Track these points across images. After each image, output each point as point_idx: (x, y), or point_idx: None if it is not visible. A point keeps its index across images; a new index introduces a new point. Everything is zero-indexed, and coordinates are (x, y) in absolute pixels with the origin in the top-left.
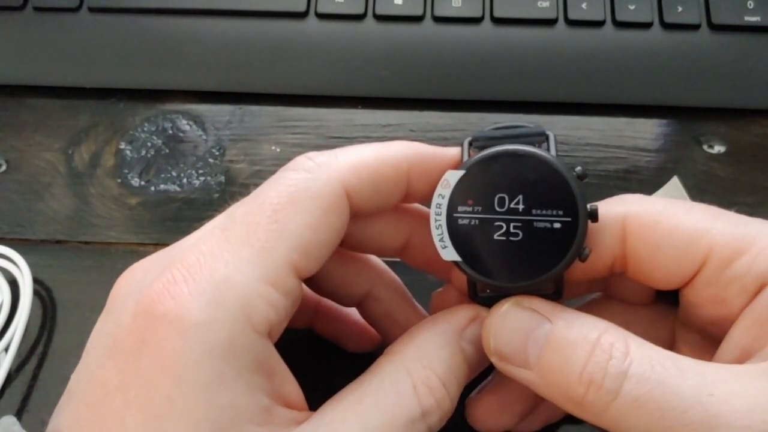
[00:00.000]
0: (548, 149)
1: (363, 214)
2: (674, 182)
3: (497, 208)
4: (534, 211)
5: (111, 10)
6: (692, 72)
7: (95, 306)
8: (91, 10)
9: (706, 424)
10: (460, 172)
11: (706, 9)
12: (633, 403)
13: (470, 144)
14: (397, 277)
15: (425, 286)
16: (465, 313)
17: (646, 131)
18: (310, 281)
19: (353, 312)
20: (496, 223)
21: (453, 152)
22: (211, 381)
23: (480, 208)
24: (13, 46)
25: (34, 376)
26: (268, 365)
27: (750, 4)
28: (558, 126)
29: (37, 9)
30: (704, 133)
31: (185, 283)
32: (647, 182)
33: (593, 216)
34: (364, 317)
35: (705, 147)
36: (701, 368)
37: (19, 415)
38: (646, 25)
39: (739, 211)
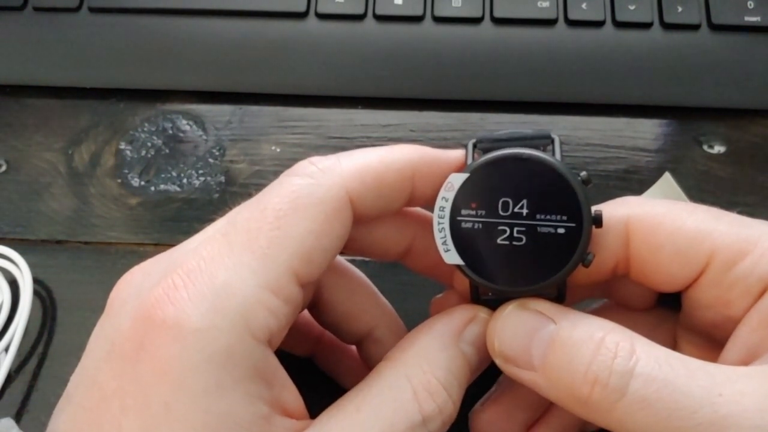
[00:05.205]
0: (553, 153)
1: (366, 219)
2: (666, 178)
3: (501, 212)
4: (538, 216)
5: (111, 10)
6: (692, 72)
7: (95, 306)
8: (91, 10)
9: (717, 424)
10: (464, 175)
11: (706, 9)
12: (640, 403)
13: (474, 146)
14: (401, 322)
15: (426, 286)
16: (463, 313)
17: (646, 131)
18: (314, 311)
19: (354, 349)
20: (500, 228)
21: (457, 155)
22: (208, 388)
23: (483, 212)
24: (13, 46)
25: (34, 377)
26: (268, 373)
27: (750, 4)
28: (558, 126)
29: (37, 9)
30: (704, 133)
31: (185, 289)
32: (647, 182)
33: (597, 221)
34: (362, 358)
35: (705, 147)
36: (709, 369)
37: (18, 415)
38: (646, 25)
39: (739, 211)
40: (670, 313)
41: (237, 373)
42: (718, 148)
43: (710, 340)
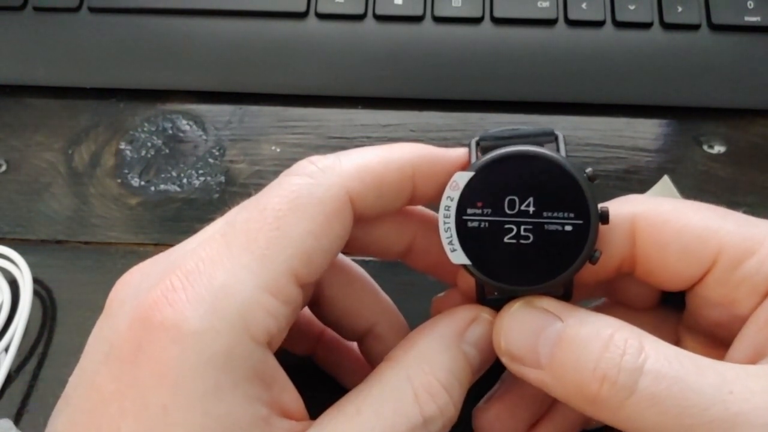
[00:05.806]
0: (558, 150)
1: (367, 219)
2: (665, 181)
3: (507, 211)
4: (545, 214)
5: (111, 10)
6: (692, 72)
7: (95, 306)
8: (91, 10)
9: (728, 422)
10: (469, 174)
11: (706, 9)
12: (650, 400)
13: (477, 144)
14: (402, 319)
15: (427, 286)
16: (465, 314)
17: (646, 131)
18: (315, 308)
19: (355, 347)
20: (507, 226)
21: (459, 153)
22: (207, 391)
23: (490, 211)
24: (13, 46)
25: (34, 377)
26: (267, 375)
27: (750, 4)
28: (558, 126)
29: (37, 9)
30: (704, 133)
31: (184, 291)
32: (647, 182)
33: (604, 218)
34: (364, 355)
35: (705, 147)
36: (718, 367)
37: (18, 415)
38: (646, 25)
39: (744, 211)
40: (672, 312)
41: (236, 376)
42: (718, 148)
43: (713, 340)
